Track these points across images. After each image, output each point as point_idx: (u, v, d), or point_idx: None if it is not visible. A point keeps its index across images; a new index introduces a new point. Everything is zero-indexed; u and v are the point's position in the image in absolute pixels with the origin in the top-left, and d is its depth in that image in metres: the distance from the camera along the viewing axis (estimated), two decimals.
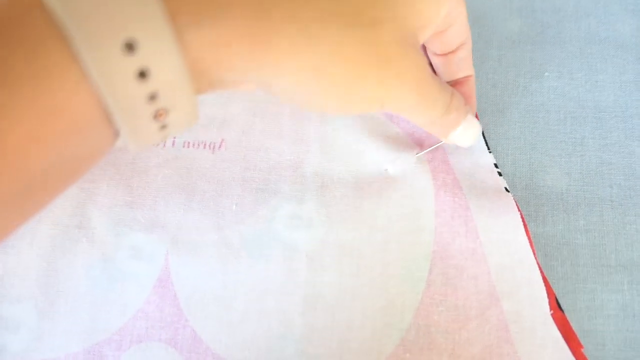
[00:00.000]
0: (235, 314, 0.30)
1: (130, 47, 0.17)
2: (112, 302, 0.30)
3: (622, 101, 0.34)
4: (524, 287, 0.30)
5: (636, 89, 0.34)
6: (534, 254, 0.30)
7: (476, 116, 0.31)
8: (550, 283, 0.30)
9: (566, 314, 0.30)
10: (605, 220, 0.32)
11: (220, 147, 0.33)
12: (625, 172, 0.32)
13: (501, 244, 0.30)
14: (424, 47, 0.31)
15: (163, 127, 0.20)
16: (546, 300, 0.30)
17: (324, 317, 0.30)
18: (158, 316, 0.30)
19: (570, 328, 0.30)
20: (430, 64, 0.31)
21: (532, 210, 0.32)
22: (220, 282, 0.31)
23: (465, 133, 0.29)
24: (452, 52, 0.29)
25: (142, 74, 0.18)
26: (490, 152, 0.33)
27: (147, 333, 0.30)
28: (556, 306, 0.30)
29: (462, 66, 0.30)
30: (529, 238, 0.31)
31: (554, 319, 0.30)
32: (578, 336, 0.30)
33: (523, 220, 0.31)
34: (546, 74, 0.34)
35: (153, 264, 0.31)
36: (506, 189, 0.32)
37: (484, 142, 0.33)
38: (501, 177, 0.32)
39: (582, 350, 0.29)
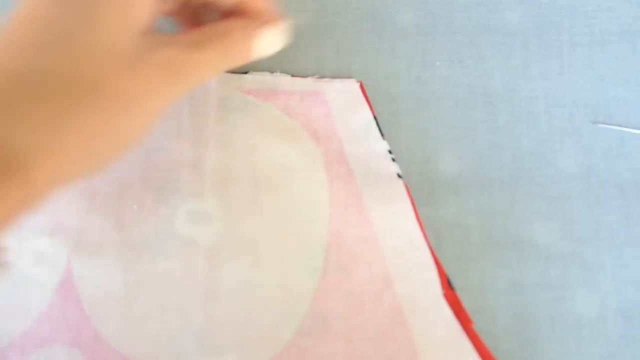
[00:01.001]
0: (136, 311, 0.31)
1: None
2: (15, 307, 0.31)
3: (509, 86, 0.35)
4: (416, 269, 0.31)
5: (523, 74, 0.35)
6: (425, 237, 0.32)
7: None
8: (443, 264, 0.32)
9: (458, 292, 0.31)
10: (495, 200, 0.33)
11: None
12: (514, 153, 0.34)
13: (393, 230, 0.32)
14: None
15: None
16: (438, 281, 0.31)
17: (224, 309, 0.31)
18: (62, 319, 0.31)
19: (460, 306, 0.31)
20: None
21: (426, 194, 0.33)
22: (122, 282, 0.31)
23: (265, 47, 0.30)
24: None
25: None
26: (384, 139, 0.34)
27: (50, 336, 0.30)
28: (448, 286, 0.31)
29: None
30: (419, 222, 0.32)
31: (446, 298, 0.31)
32: (471, 313, 0.31)
33: (413, 206, 0.32)
34: (437, 63, 0.36)
35: (55, 268, 0.31)
36: (399, 175, 0.33)
37: (377, 129, 0.34)
38: (395, 163, 0.33)
39: (472, 326, 0.30)
